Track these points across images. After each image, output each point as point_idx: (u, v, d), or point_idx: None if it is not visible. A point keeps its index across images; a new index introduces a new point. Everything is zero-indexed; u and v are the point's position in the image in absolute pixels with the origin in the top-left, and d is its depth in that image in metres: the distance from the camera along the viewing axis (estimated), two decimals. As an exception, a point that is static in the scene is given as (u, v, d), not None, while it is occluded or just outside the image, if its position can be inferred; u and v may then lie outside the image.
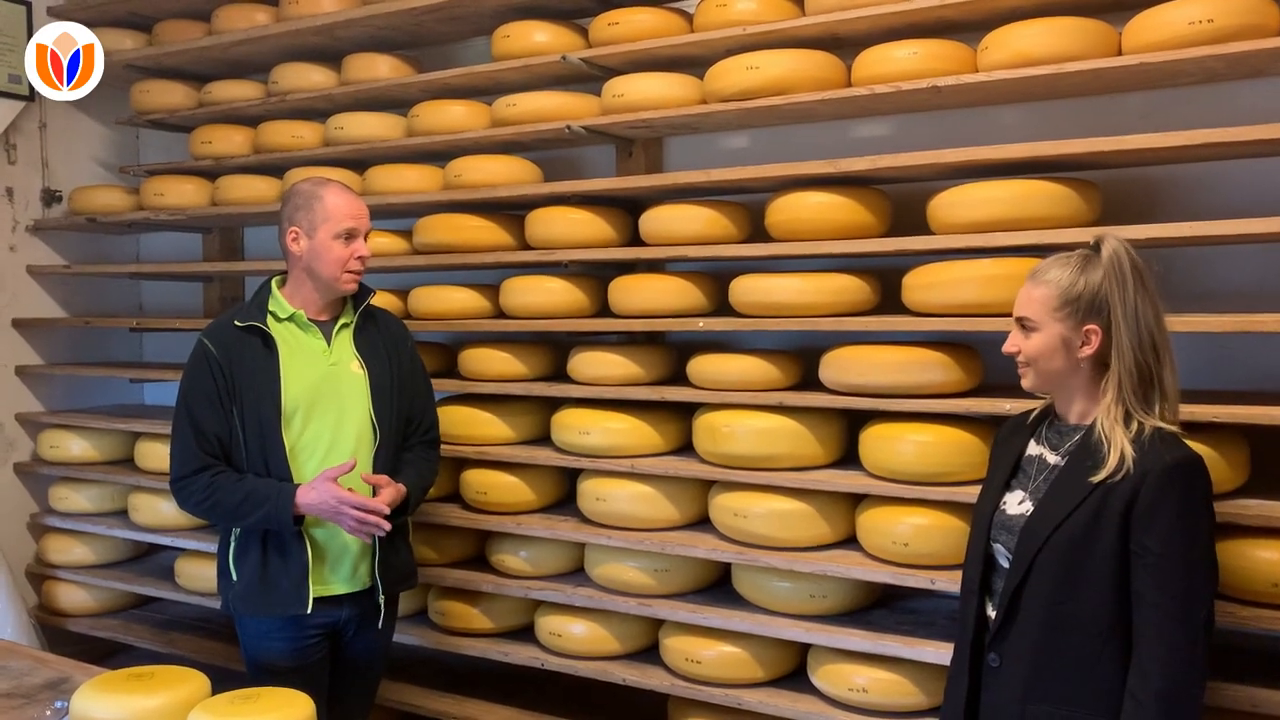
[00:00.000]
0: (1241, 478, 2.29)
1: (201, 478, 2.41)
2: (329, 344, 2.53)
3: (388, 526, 2.39)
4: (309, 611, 2.43)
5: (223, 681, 2.07)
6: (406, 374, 2.65)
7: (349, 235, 2.47)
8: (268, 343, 2.47)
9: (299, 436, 2.46)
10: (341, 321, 2.57)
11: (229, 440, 2.45)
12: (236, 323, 2.47)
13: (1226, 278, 2.56)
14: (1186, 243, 2.38)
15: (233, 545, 2.49)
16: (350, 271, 2.48)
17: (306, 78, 3.68)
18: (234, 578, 2.49)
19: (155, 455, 3.74)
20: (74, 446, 4.00)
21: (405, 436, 2.65)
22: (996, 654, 1.86)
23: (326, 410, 2.48)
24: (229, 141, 3.84)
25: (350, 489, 2.39)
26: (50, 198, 4.25)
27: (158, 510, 3.75)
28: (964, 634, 1.94)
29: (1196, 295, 2.50)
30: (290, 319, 2.51)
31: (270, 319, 2.49)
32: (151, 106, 4.01)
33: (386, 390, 2.56)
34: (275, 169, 3.76)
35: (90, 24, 3.78)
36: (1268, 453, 2.34)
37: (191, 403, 2.44)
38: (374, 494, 2.44)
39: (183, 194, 3.90)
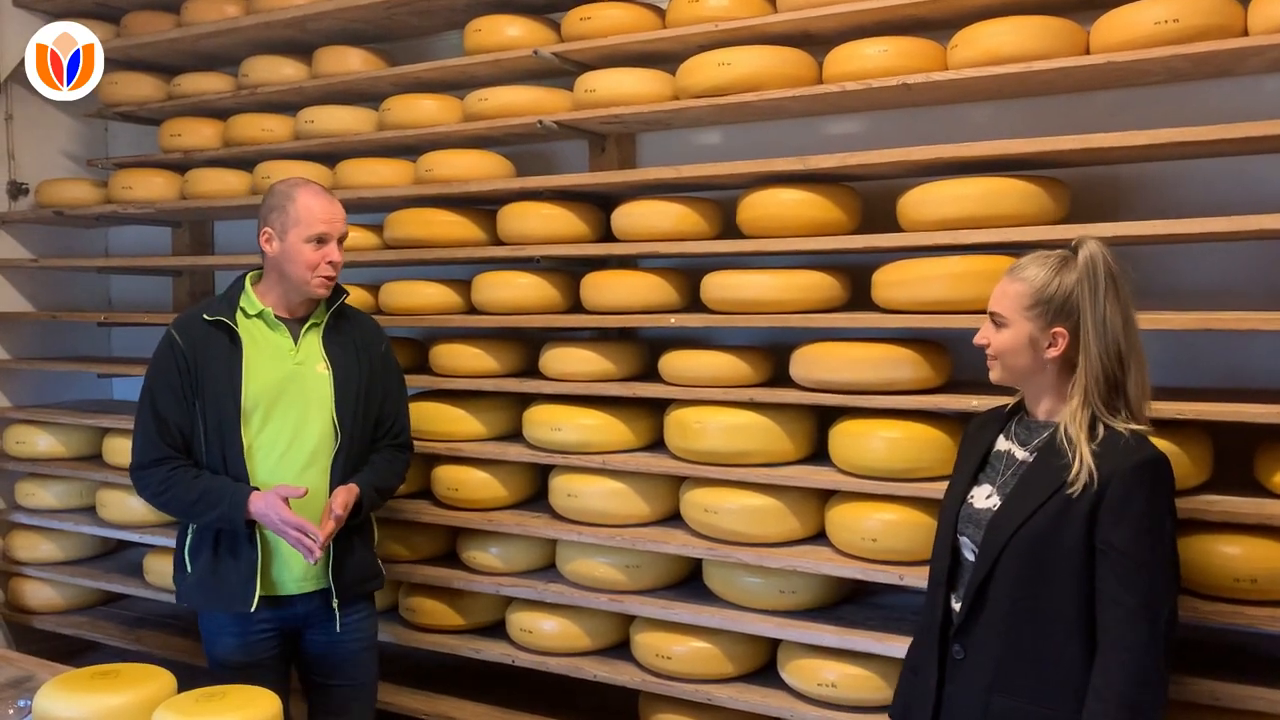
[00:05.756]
0: (1205, 474, 2.32)
1: (160, 470, 2.42)
2: (296, 343, 2.51)
3: (317, 556, 2.36)
4: (253, 610, 2.42)
5: (191, 679, 2.06)
6: (378, 375, 2.62)
7: (320, 240, 2.45)
8: (233, 338, 2.45)
9: (257, 434, 2.45)
10: (311, 321, 2.55)
11: (190, 432, 2.44)
12: (205, 316, 2.47)
13: (1191, 276, 2.59)
14: (1152, 241, 2.40)
15: (189, 538, 2.50)
16: (321, 275, 2.46)
17: (277, 70, 3.66)
18: (188, 570, 2.50)
19: (123, 451, 3.69)
20: (40, 442, 3.96)
21: (375, 439, 2.64)
22: (961, 646, 1.87)
23: (287, 409, 2.47)
24: (198, 134, 3.81)
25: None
26: (17, 190, 4.19)
27: (126, 506, 3.72)
28: (930, 626, 1.95)
29: (1161, 293, 2.52)
30: (259, 316, 2.50)
31: (240, 314, 2.49)
32: (120, 99, 3.96)
33: (352, 392, 2.54)
34: (245, 162, 3.73)
35: (58, 15, 3.74)
36: (1231, 449, 2.36)
37: (155, 392, 2.45)
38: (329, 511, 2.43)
39: (151, 187, 3.85)
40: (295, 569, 2.47)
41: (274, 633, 2.51)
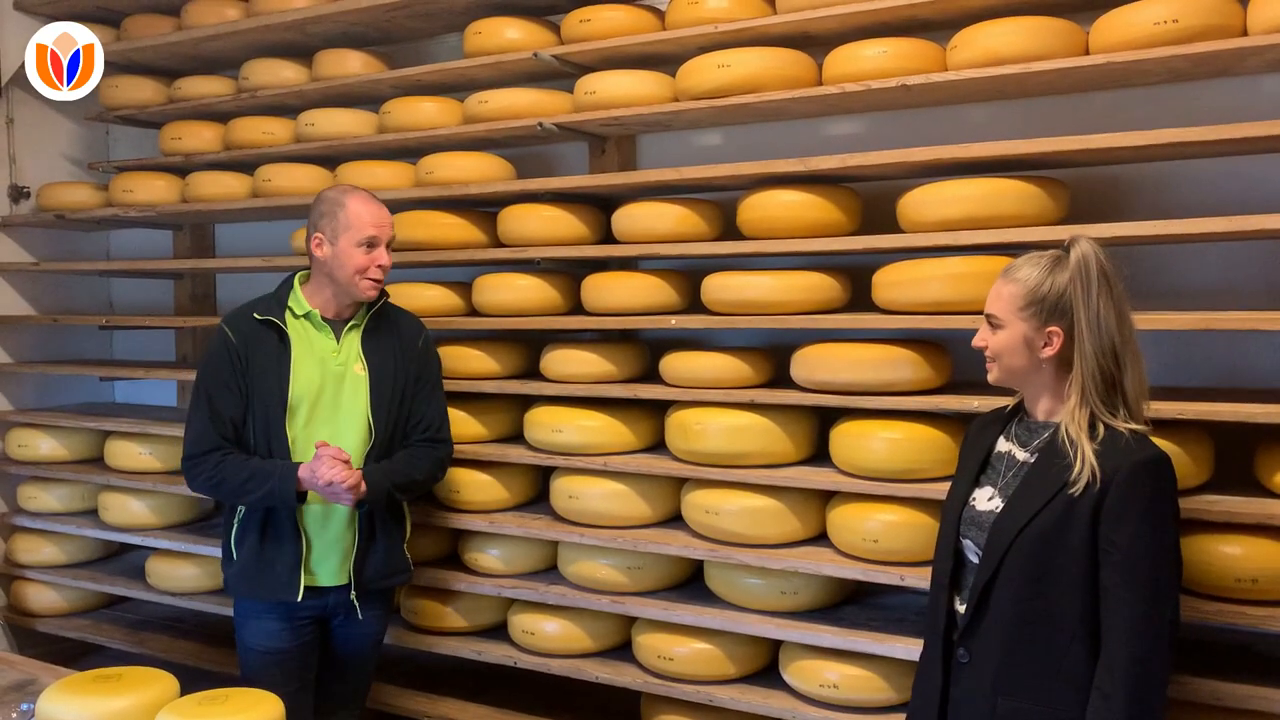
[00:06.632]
0: (1205, 474, 2.32)
1: (212, 457, 2.51)
2: (338, 344, 2.59)
3: (348, 499, 2.45)
4: (300, 599, 2.51)
5: (194, 682, 2.06)
6: (414, 373, 2.68)
7: (370, 244, 2.53)
8: (282, 338, 2.54)
9: (301, 430, 2.53)
10: (352, 322, 2.62)
11: (242, 424, 2.53)
12: (255, 315, 2.56)
13: (1191, 276, 2.59)
14: (1152, 241, 2.40)
15: (235, 528, 2.58)
16: (370, 279, 2.54)
17: (277, 74, 3.66)
18: (234, 558, 2.58)
19: (125, 454, 3.71)
20: (43, 445, 3.96)
21: (405, 434, 2.69)
22: (966, 649, 1.87)
23: (328, 409, 2.56)
24: (199, 138, 3.82)
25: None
26: (18, 194, 4.19)
27: (128, 509, 3.71)
28: (933, 629, 1.95)
29: (1161, 293, 2.53)
30: (305, 316, 2.58)
31: (288, 314, 2.57)
32: (121, 102, 3.97)
33: (386, 392, 2.61)
34: (246, 165, 3.74)
35: (58, 18, 3.74)
36: (1231, 449, 2.37)
37: (210, 384, 2.54)
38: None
39: (153, 190, 3.86)
40: (332, 560, 2.56)
41: (312, 621, 2.60)
